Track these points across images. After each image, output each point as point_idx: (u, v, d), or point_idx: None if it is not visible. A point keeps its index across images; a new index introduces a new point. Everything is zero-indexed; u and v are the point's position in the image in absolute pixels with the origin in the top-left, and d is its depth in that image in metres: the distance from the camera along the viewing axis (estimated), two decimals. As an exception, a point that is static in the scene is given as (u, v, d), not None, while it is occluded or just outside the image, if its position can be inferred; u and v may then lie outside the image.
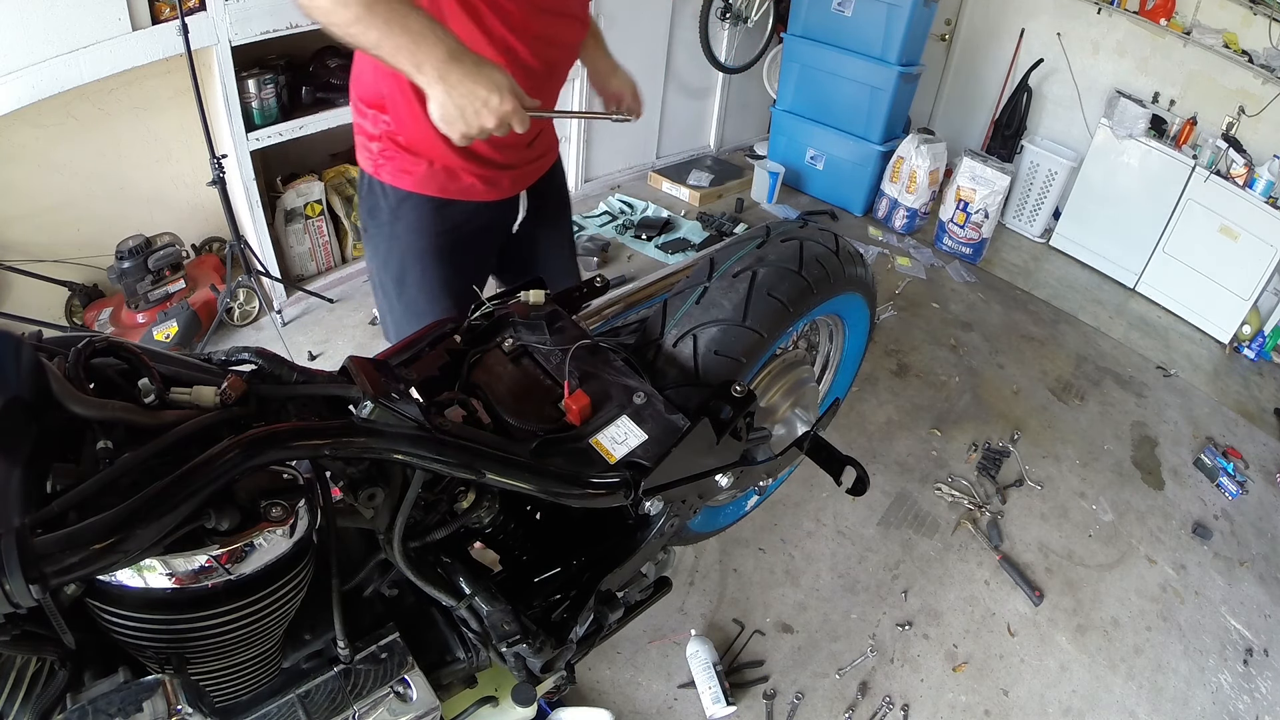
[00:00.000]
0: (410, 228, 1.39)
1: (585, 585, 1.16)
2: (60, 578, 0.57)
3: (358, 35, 0.99)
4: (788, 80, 4.03)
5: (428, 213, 1.38)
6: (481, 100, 1.01)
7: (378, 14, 0.97)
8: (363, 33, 0.98)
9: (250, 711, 0.93)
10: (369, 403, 0.80)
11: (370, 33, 0.98)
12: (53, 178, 2.32)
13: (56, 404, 0.64)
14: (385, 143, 1.33)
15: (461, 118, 1.02)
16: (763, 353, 1.33)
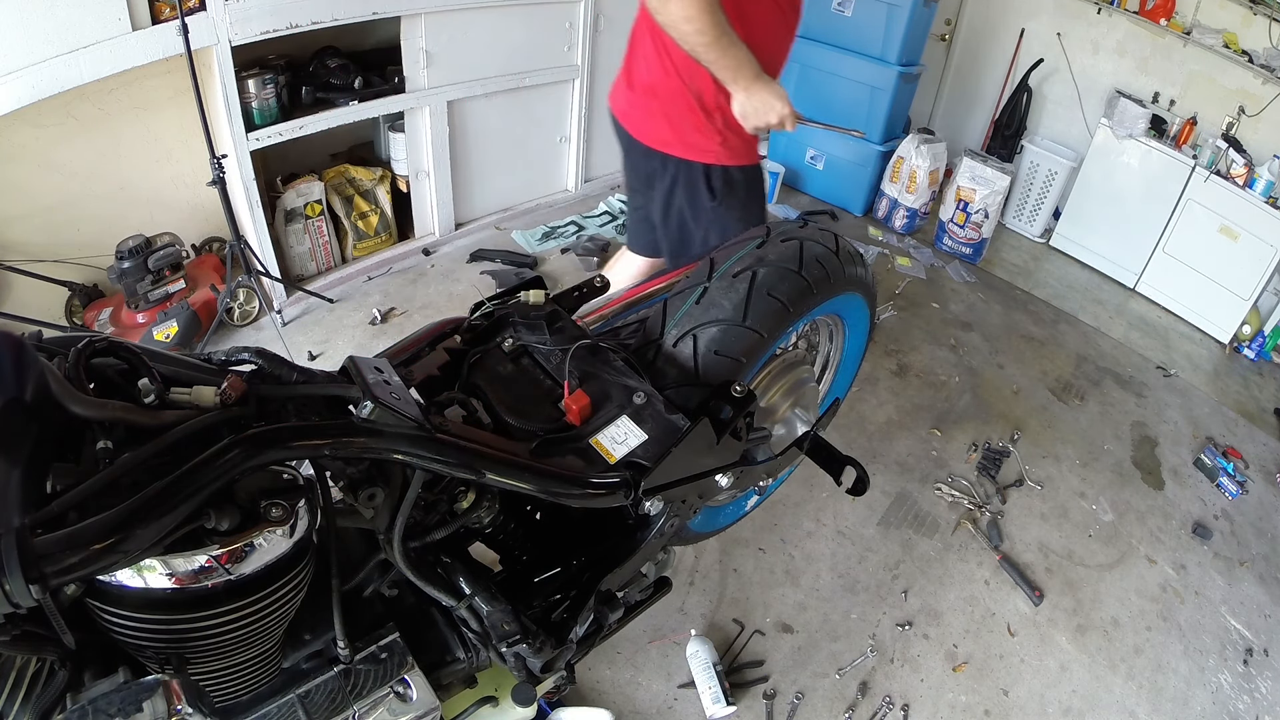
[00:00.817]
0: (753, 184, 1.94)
1: (585, 585, 1.16)
2: (60, 578, 0.57)
3: (704, 52, 1.48)
4: (788, 80, 4.02)
5: (755, 172, 1.96)
6: (769, 106, 1.56)
7: (722, 42, 1.46)
8: (708, 50, 1.47)
9: (250, 711, 0.93)
10: (369, 403, 0.80)
11: (713, 51, 1.47)
12: (53, 178, 2.32)
13: (56, 404, 0.64)
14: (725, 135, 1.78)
15: (756, 115, 1.58)
16: (763, 353, 1.33)
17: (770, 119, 1.57)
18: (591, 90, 3.52)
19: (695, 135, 1.77)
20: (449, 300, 2.91)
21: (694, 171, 1.82)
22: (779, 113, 1.55)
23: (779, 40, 1.73)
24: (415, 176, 3.06)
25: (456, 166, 3.15)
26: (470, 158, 3.21)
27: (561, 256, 3.26)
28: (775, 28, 1.68)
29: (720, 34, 1.45)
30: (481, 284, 3.00)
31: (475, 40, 2.92)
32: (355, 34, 2.75)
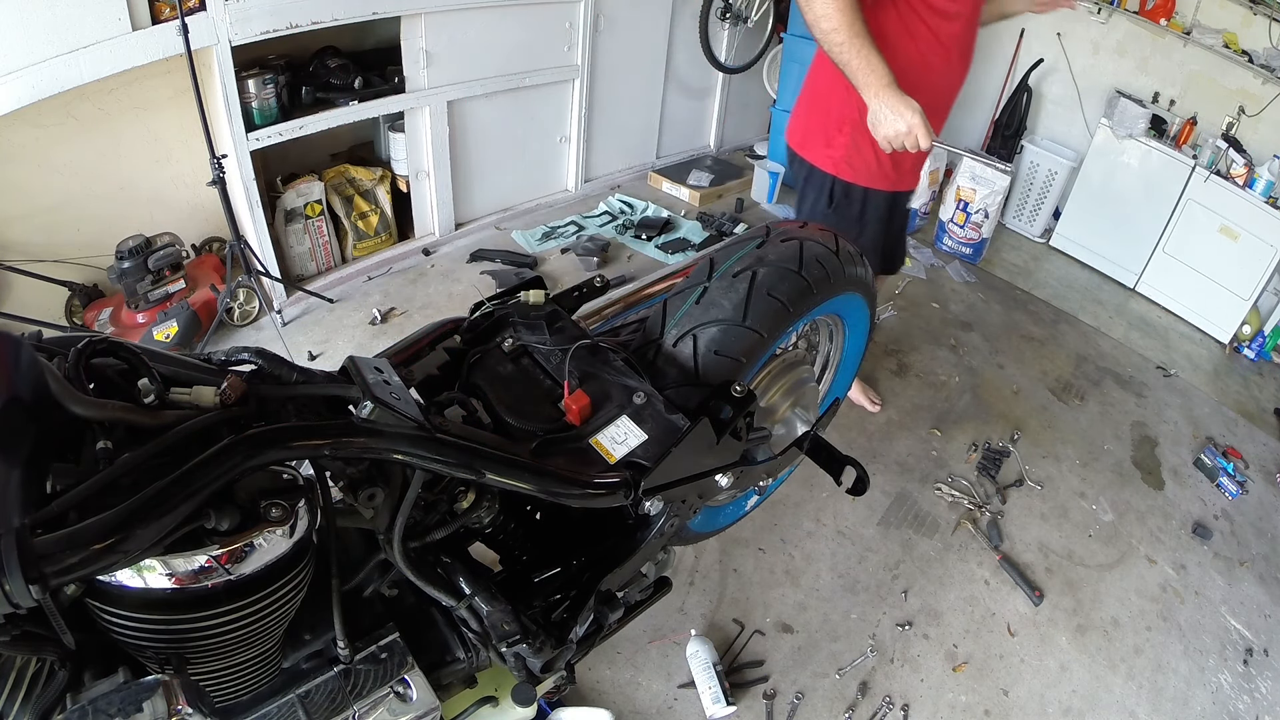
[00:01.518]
0: (875, 209, 1.94)
1: (585, 585, 1.16)
2: (60, 578, 0.57)
3: (838, 53, 1.52)
4: (788, 80, 4.03)
5: (883, 200, 1.94)
6: (898, 115, 1.51)
7: (854, 44, 1.50)
8: (841, 51, 1.51)
9: (250, 711, 0.93)
10: (369, 403, 0.80)
11: (846, 53, 1.51)
12: (53, 178, 2.32)
13: (56, 404, 0.64)
14: (850, 151, 1.83)
15: (883, 124, 1.53)
16: (763, 353, 1.33)
17: (898, 127, 1.52)
18: (591, 90, 3.52)
19: (823, 142, 1.86)
20: (449, 300, 2.90)
21: (820, 177, 1.90)
22: (907, 122, 1.51)
23: (932, 85, 1.71)
24: (415, 176, 3.06)
25: (456, 166, 3.16)
26: (470, 158, 3.21)
27: (561, 256, 3.26)
28: (928, 69, 1.69)
29: (852, 36, 1.48)
30: (481, 284, 3.00)
31: (475, 40, 2.92)
32: (355, 34, 2.75)
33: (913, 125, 1.51)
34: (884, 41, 1.56)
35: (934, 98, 1.68)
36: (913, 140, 1.52)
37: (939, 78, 1.76)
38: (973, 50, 1.81)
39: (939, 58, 1.72)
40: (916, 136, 1.52)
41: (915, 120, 1.51)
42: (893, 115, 1.51)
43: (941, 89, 1.78)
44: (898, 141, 1.54)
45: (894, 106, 1.50)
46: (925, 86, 1.64)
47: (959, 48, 1.75)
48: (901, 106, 1.50)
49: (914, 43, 1.68)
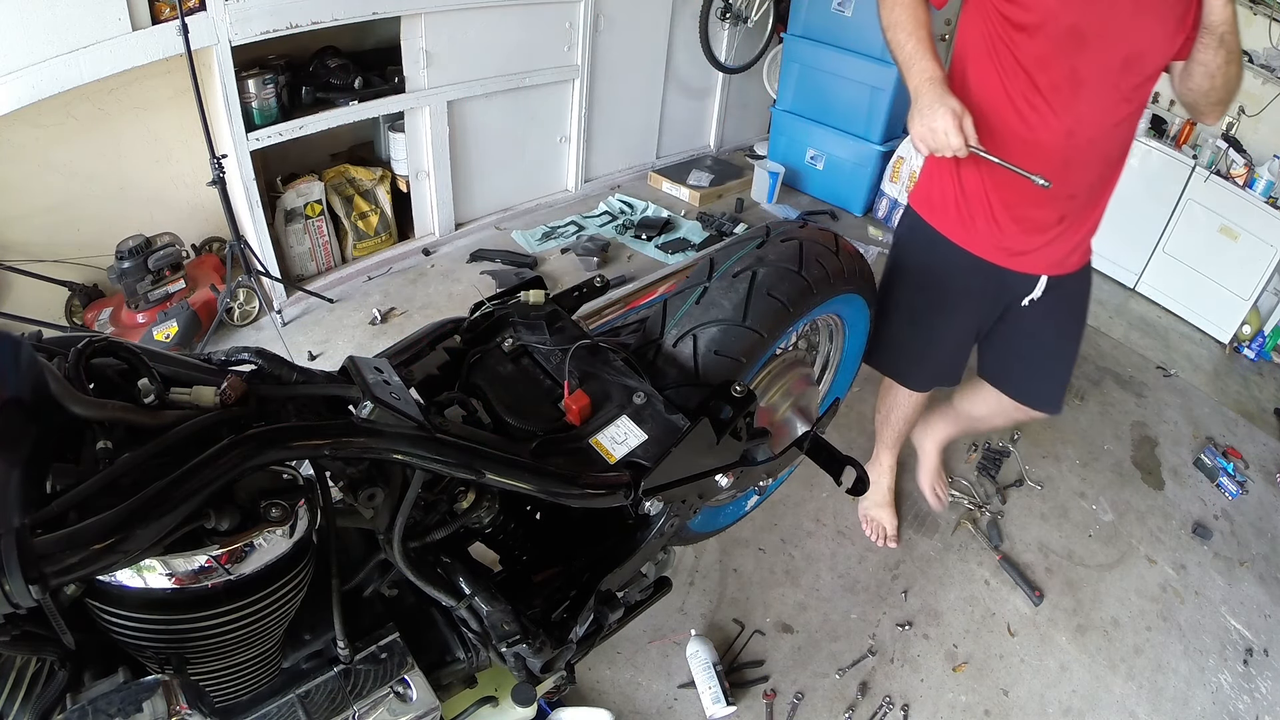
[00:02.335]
0: (935, 258, 1.64)
1: (585, 585, 1.16)
2: (60, 578, 0.57)
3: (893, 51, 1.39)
4: (788, 80, 4.03)
5: (944, 249, 1.62)
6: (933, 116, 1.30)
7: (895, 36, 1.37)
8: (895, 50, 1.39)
9: (250, 711, 0.93)
10: (369, 403, 0.80)
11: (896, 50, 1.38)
12: (53, 178, 2.32)
13: (56, 404, 0.64)
14: (930, 179, 1.63)
15: (917, 118, 1.33)
16: (763, 353, 1.33)
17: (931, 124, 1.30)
18: (591, 90, 3.53)
19: (922, 176, 1.70)
20: (449, 300, 2.90)
21: (905, 214, 1.74)
22: (944, 126, 1.28)
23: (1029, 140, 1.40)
24: (415, 176, 3.06)
25: (456, 166, 3.16)
26: (470, 158, 3.21)
27: (561, 256, 3.26)
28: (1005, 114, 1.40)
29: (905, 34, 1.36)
30: (481, 284, 3.00)
31: (475, 40, 2.92)
32: (355, 34, 2.75)
33: (948, 129, 1.28)
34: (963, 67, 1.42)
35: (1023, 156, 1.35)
36: (943, 140, 1.30)
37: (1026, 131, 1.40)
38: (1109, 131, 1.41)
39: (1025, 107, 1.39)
40: (947, 135, 1.29)
41: (950, 125, 1.28)
42: (927, 118, 1.31)
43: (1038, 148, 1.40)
44: (930, 141, 1.32)
45: (929, 109, 1.32)
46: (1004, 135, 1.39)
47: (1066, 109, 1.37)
48: (939, 109, 1.30)
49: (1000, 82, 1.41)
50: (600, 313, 1.63)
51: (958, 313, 1.68)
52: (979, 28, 1.41)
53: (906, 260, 1.72)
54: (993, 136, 1.37)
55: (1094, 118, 1.37)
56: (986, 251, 1.57)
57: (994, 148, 1.34)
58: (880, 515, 2.15)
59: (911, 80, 1.35)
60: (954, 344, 1.76)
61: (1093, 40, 1.30)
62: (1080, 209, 1.52)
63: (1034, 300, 1.61)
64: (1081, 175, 1.45)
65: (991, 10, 1.37)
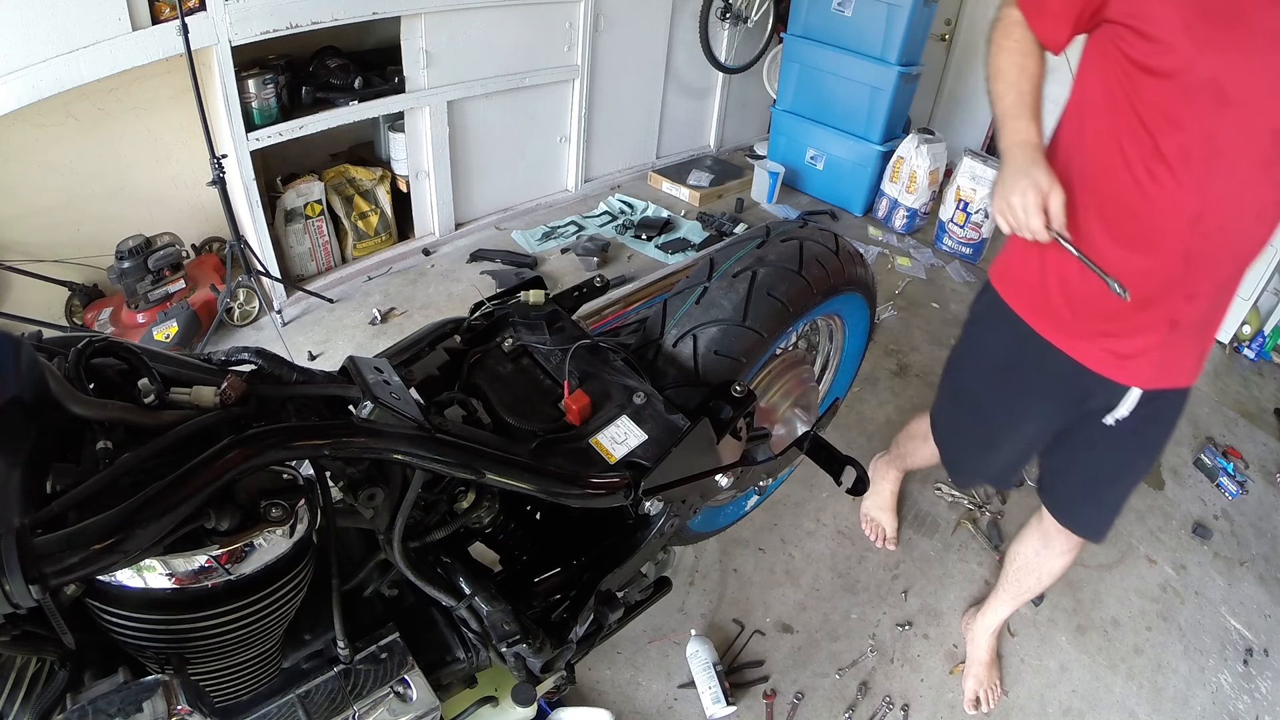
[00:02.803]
0: (1012, 347, 1.37)
1: (585, 585, 1.16)
2: (60, 578, 0.57)
3: (989, 92, 1.24)
4: (788, 80, 4.03)
5: (1025, 337, 1.33)
6: (1015, 184, 1.12)
7: (995, 86, 1.22)
8: (991, 91, 1.23)
9: (250, 711, 0.93)
10: (369, 403, 0.80)
11: (991, 97, 1.23)
12: (53, 178, 2.32)
13: (56, 404, 0.64)
14: (1013, 252, 1.38)
15: (999, 186, 1.16)
16: (763, 353, 1.33)
17: (1009, 196, 1.12)
18: (591, 90, 3.53)
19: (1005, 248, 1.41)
20: (449, 300, 2.90)
21: (982, 289, 1.47)
22: (1025, 203, 1.10)
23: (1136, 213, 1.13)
24: (415, 176, 3.06)
25: (456, 166, 3.16)
26: (470, 158, 3.21)
27: (561, 256, 3.26)
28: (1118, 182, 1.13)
29: (996, 73, 1.20)
30: (481, 284, 3.00)
31: (475, 40, 2.92)
32: (355, 34, 2.75)
33: (1026, 207, 1.09)
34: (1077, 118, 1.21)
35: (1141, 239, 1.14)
36: (1021, 219, 1.11)
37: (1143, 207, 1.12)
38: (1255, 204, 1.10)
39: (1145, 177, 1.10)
40: (1027, 214, 1.10)
41: (1030, 192, 1.09)
42: (1010, 180, 1.12)
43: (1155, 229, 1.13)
44: (1008, 217, 1.13)
45: (1015, 168, 1.12)
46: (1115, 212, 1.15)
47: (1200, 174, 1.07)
48: (1022, 170, 1.11)
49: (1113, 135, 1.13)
50: (600, 313, 1.62)
51: (1029, 417, 1.41)
52: (1099, 72, 1.15)
53: (980, 344, 1.49)
54: (1100, 211, 1.15)
55: (1230, 200, 1.08)
56: (1074, 348, 1.28)
57: (1101, 226, 1.14)
58: (881, 517, 2.13)
59: (1003, 140, 1.18)
60: (1016, 450, 1.49)
61: (1237, 100, 1.01)
62: (1200, 314, 1.22)
63: (1119, 419, 1.32)
64: (1205, 272, 1.16)
65: (1115, 50, 1.10)
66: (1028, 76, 1.19)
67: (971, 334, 1.52)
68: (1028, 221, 1.10)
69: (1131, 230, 1.14)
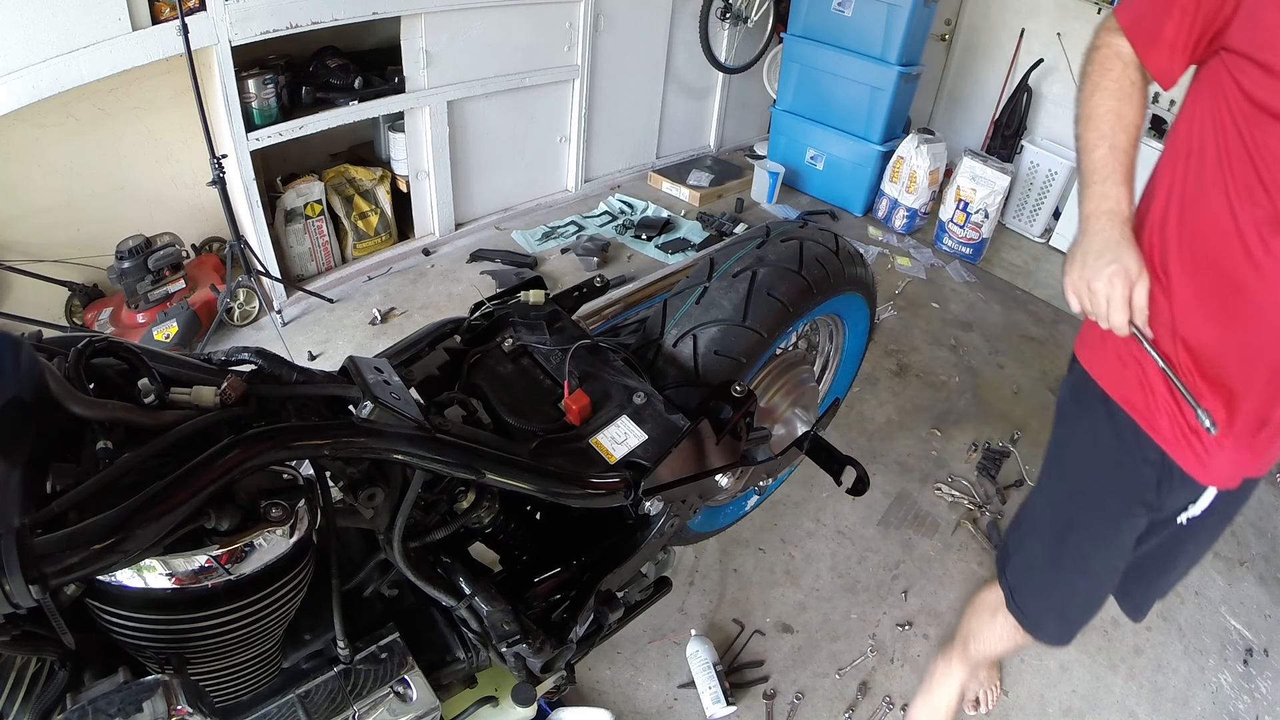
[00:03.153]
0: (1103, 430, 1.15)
1: (585, 585, 1.16)
2: (60, 578, 0.57)
3: (1077, 137, 1.05)
4: (788, 80, 4.03)
5: (1118, 417, 1.12)
6: (1098, 266, 0.95)
7: (1088, 137, 1.02)
8: (1079, 136, 1.04)
9: (250, 711, 0.93)
10: (369, 403, 0.80)
11: (1079, 144, 1.05)
12: (53, 178, 2.32)
13: (56, 404, 0.64)
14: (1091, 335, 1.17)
15: (1077, 263, 0.99)
16: (763, 353, 1.33)
17: (1095, 285, 0.96)
18: (591, 90, 3.53)
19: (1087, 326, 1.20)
20: (449, 300, 2.90)
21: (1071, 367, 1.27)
22: (1108, 292, 0.95)
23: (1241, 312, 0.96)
24: (415, 176, 3.06)
25: (456, 166, 3.16)
26: (470, 158, 3.21)
27: (561, 256, 3.26)
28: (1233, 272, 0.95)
29: (1088, 116, 1.02)
30: (481, 284, 3.00)
31: (475, 40, 2.92)
32: (355, 34, 2.75)
33: (1111, 287, 0.95)
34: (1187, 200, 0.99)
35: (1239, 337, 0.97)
36: (1101, 309, 0.97)
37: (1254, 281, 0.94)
38: None
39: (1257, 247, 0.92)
40: (1109, 304, 0.96)
41: (1116, 280, 0.94)
42: (1092, 259, 0.97)
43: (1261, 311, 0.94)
44: (1085, 303, 1.00)
45: (1099, 245, 0.97)
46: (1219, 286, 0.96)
47: None
48: (1108, 250, 0.96)
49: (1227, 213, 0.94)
50: (600, 313, 1.62)
51: (1124, 518, 1.17)
52: (1210, 113, 0.96)
53: (1073, 436, 1.25)
54: (1197, 279, 0.98)
55: None
56: (1161, 432, 1.08)
57: (1197, 296, 0.97)
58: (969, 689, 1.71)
59: (1086, 202, 1.00)
60: (1109, 565, 1.24)
61: None
62: None
63: (1191, 518, 1.16)
64: None
65: (1232, 86, 0.91)
66: (1125, 127, 1.00)
67: (1059, 435, 1.27)
68: (1109, 314, 0.96)
69: (1234, 308, 0.96)
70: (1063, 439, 1.27)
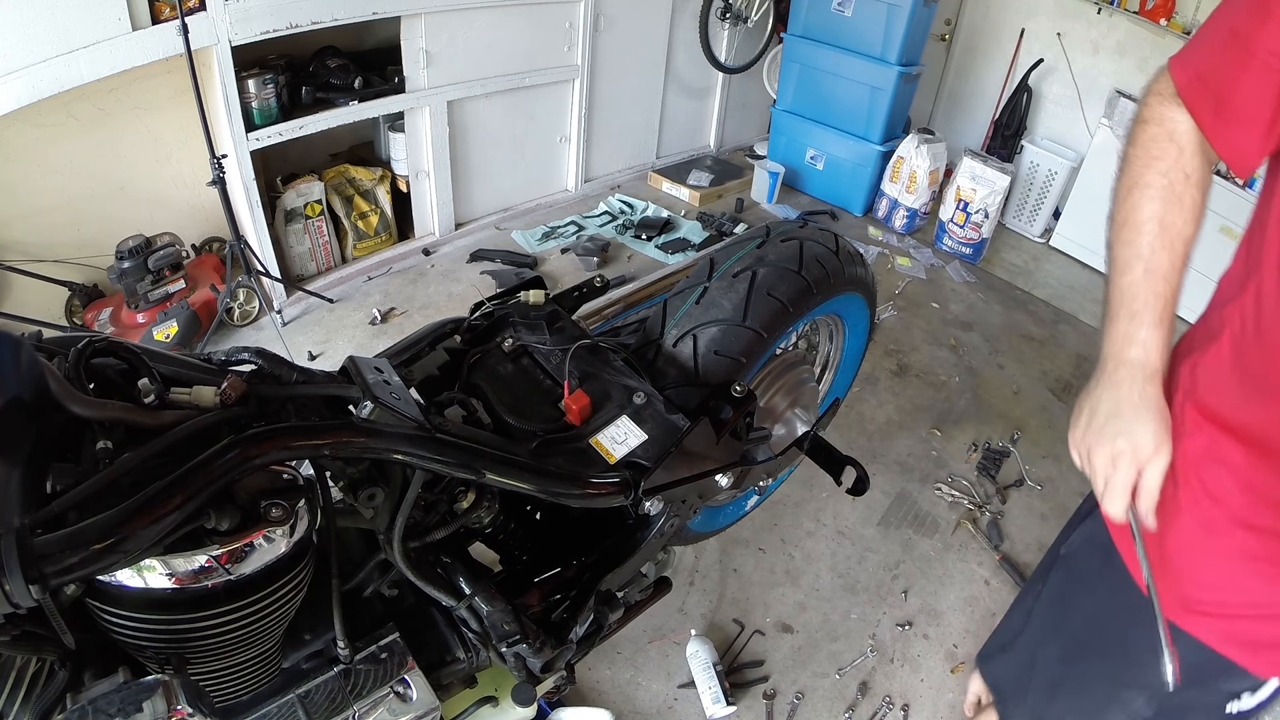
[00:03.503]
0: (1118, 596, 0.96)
1: (585, 585, 1.16)
2: (60, 578, 0.57)
3: (1109, 242, 0.82)
4: (788, 80, 4.03)
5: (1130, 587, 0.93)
6: (1115, 432, 0.76)
7: (1123, 254, 0.78)
8: (1113, 241, 0.81)
9: (250, 711, 0.93)
10: (369, 403, 0.80)
11: (1110, 251, 0.81)
12: (53, 178, 2.32)
13: (56, 404, 0.64)
14: None
15: (1079, 419, 0.80)
16: (763, 353, 1.33)
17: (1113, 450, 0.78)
18: (591, 90, 3.53)
19: None
20: (449, 300, 2.90)
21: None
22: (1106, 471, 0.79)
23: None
24: (415, 176, 3.06)
25: (456, 166, 3.16)
26: (470, 158, 3.21)
27: (561, 256, 3.26)
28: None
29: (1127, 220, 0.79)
30: (481, 284, 3.00)
31: (475, 40, 2.92)
32: (355, 34, 2.75)
33: (1121, 467, 0.77)
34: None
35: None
36: (1097, 483, 0.82)
37: None
38: None
39: None
40: (1104, 482, 0.79)
41: (1122, 459, 0.77)
42: (1110, 421, 0.78)
43: None
44: (1091, 471, 0.84)
45: (1125, 405, 0.77)
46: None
47: None
48: (1134, 413, 0.76)
49: None
50: (600, 313, 1.62)
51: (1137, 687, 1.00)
52: None
53: (1073, 584, 1.10)
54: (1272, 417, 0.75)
55: None
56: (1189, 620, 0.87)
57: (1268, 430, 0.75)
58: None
59: (1107, 341, 0.80)
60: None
61: None
62: None
63: (1244, 711, 0.94)
64: None
65: None
66: (1169, 243, 0.78)
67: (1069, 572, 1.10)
68: (1104, 498, 0.79)
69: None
70: (1068, 595, 1.09)
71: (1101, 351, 0.81)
